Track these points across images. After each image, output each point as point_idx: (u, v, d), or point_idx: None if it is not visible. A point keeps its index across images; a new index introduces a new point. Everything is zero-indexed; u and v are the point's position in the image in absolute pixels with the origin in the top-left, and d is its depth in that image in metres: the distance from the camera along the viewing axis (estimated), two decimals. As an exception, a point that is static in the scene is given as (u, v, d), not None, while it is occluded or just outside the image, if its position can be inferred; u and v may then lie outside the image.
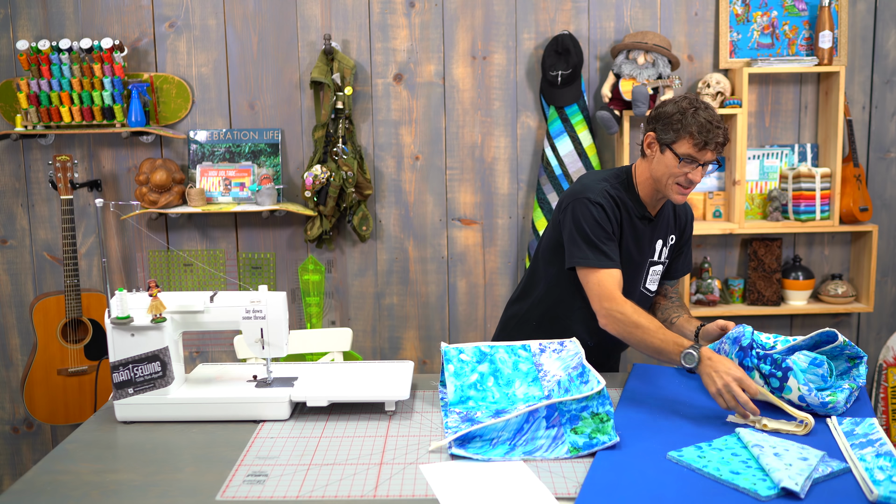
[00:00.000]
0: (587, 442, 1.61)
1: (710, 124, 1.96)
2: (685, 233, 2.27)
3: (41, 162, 3.28)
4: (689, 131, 1.96)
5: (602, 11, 3.22)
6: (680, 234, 2.25)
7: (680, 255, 2.28)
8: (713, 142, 1.96)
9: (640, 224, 2.12)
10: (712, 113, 1.99)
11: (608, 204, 2.06)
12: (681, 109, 1.99)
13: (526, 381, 1.90)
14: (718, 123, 1.97)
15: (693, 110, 1.98)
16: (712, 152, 1.98)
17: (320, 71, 3.11)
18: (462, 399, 1.85)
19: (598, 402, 1.66)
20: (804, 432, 1.66)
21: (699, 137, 1.95)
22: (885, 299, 3.39)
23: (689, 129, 1.96)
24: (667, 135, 2.00)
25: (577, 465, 1.57)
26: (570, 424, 1.65)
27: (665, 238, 2.20)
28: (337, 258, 3.34)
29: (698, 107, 1.98)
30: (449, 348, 1.97)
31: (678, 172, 2.00)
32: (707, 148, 1.97)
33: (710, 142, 1.96)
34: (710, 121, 1.96)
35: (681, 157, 1.98)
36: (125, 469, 1.59)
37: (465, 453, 1.60)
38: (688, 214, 2.29)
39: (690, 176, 2.00)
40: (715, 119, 1.97)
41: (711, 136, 1.95)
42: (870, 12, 3.24)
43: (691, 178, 2.00)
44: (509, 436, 1.65)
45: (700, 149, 1.97)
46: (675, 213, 2.23)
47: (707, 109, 1.99)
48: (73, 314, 3.11)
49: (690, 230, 2.29)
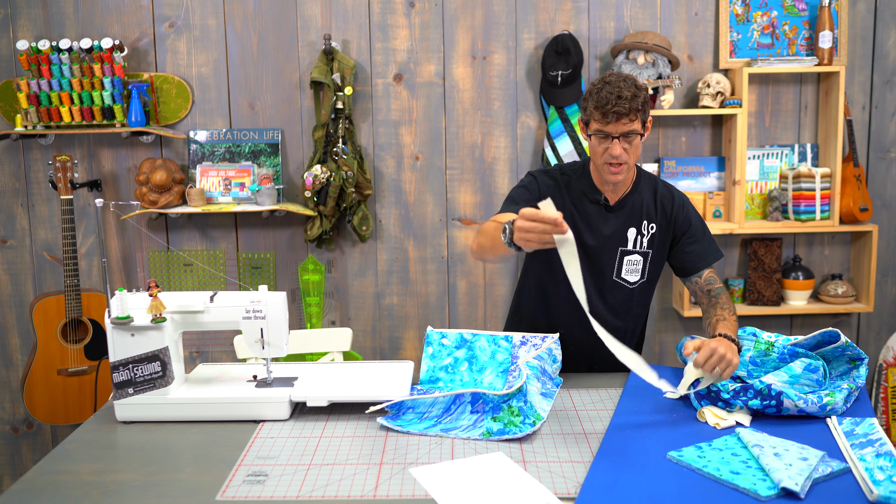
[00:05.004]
0: (501, 429, 1.71)
1: (609, 95, 1.94)
2: (676, 223, 2.15)
3: (41, 162, 3.28)
4: (594, 107, 1.97)
5: (602, 11, 3.23)
6: (668, 224, 2.15)
7: (692, 245, 2.15)
8: (612, 112, 1.94)
9: (593, 208, 2.13)
10: (621, 84, 1.96)
11: (542, 179, 2.15)
12: (589, 89, 2.01)
13: (496, 370, 1.97)
14: (620, 92, 1.94)
15: (600, 86, 1.98)
16: (623, 123, 1.96)
17: (320, 71, 3.11)
18: (431, 379, 1.97)
19: (516, 399, 1.76)
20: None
21: (600, 110, 1.96)
22: (885, 299, 3.39)
23: (593, 104, 1.98)
24: (584, 117, 2.04)
25: (577, 466, 1.57)
26: (492, 413, 1.77)
27: (640, 227, 2.14)
28: (337, 258, 3.34)
29: (608, 81, 1.97)
30: (433, 332, 2.04)
31: (600, 150, 2.02)
32: (609, 119, 1.96)
33: (608, 113, 1.94)
34: (610, 92, 1.95)
35: (591, 133, 2.01)
36: (125, 469, 1.59)
37: (389, 424, 1.75)
38: (675, 203, 2.16)
39: (610, 151, 1.99)
40: (619, 89, 1.95)
41: (610, 107, 1.94)
42: (870, 12, 3.24)
43: (611, 153, 1.99)
44: (438, 413, 1.80)
45: (606, 121, 1.97)
46: (658, 201, 2.16)
47: (615, 83, 1.96)
48: (73, 314, 3.11)
49: (689, 221, 2.16)
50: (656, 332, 3.41)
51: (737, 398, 1.76)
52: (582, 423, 1.78)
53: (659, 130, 3.30)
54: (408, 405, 1.81)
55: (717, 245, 2.20)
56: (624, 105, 1.93)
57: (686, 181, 3.29)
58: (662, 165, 3.27)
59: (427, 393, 1.88)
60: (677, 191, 2.20)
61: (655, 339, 3.41)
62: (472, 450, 1.65)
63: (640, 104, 1.96)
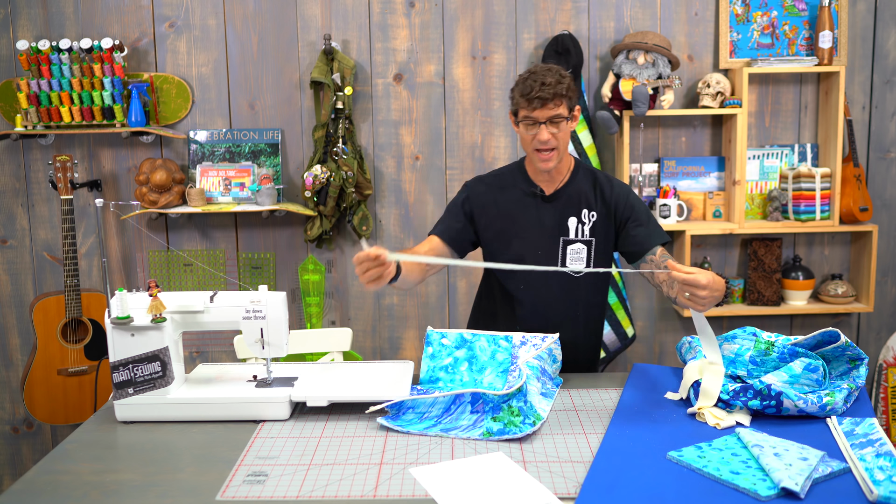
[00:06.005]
0: (501, 429, 1.71)
1: (534, 83, 2.02)
2: (618, 208, 2.17)
3: (41, 162, 3.28)
4: (520, 95, 2.05)
5: (602, 11, 3.23)
6: (609, 210, 2.17)
7: (637, 228, 2.16)
8: (536, 98, 2.01)
9: (531, 200, 2.19)
10: (545, 73, 2.04)
11: (474, 188, 2.24)
12: (517, 81, 2.09)
13: (496, 370, 1.97)
14: (544, 80, 2.01)
15: (525, 76, 2.06)
16: (548, 108, 2.03)
17: (320, 71, 3.11)
18: (432, 379, 1.97)
19: (516, 399, 1.76)
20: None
21: (525, 97, 2.03)
22: (885, 299, 3.39)
23: (519, 92, 2.06)
24: (512, 107, 2.11)
25: (577, 466, 1.57)
26: (492, 413, 1.77)
27: (579, 215, 2.17)
28: (337, 258, 3.34)
29: (534, 71, 2.06)
30: (433, 332, 2.04)
31: (528, 138, 2.08)
32: (535, 105, 2.03)
33: (533, 99, 2.02)
34: (535, 80, 2.03)
35: (520, 121, 2.08)
36: (125, 469, 1.59)
37: (389, 424, 1.75)
38: (615, 190, 2.18)
39: (538, 136, 2.06)
40: (543, 76, 2.02)
41: (535, 93, 2.01)
42: (870, 12, 3.24)
43: (539, 138, 2.06)
44: (438, 413, 1.80)
45: (532, 108, 2.04)
46: (597, 189, 2.19)
47: (539, 72, 2.04)
48: (73, 314, 3.11)
49: (631, 206, 2.17)
50: (656, 332, 3.41)
51: (737, 398, 1.76)
52: (582, 423, 1.78)
53: (659, 130, 3.30)
54: (408, 405, 1.81)
55: (663, 230, 2.21)
56: (547, 91, 2.01)
57: (686, 181, 3.29)
58: (662, 165, 3.27)
59: (427, 393, 1.88)
60: (618, 180, 2.25)
61: (655, 339, 3.41)
62: (472, 450, 1.65)
63: (564, 90, 2.04)
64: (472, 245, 2.27)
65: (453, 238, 2.21)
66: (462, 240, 2.22)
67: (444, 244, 2.20)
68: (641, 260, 2.16)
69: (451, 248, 2.21)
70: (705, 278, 1.80)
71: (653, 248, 2.14)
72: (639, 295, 3.37)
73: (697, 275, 1.80)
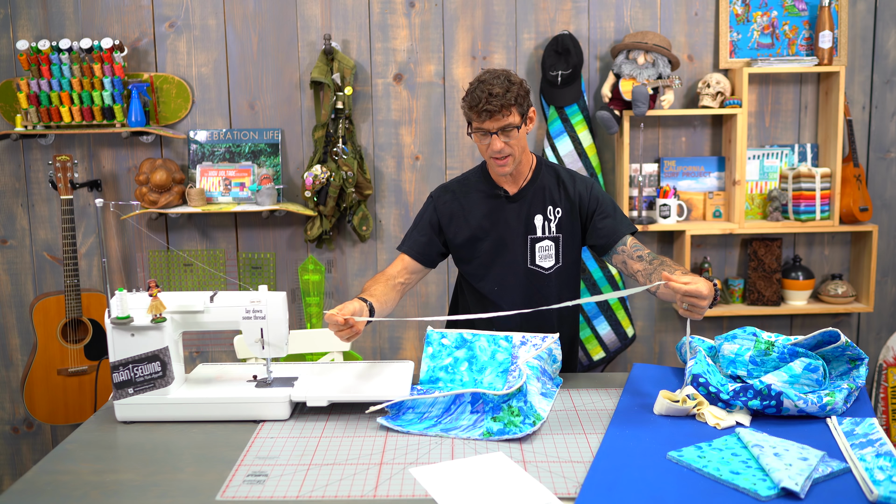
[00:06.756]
0: (501, 429, 1.71)
1: (481, 94, 2.01)
2: (583, 202, 2.19)
3: (41, 162, 3.28)
4: (469, 107, 2.05)
5: (602, 11, 3.23)
6: (573, 204, 2.18)
7: (604, 220, 2.17)
8: (484, 110, 2.01)
9: (495, 202, 2.20)
10: (493, 82, 2.02)
11: (440, 197, 2.25)
12: (467, 89, 2.07)
13: (496, 370, 1.97)
14: (492, 90, 2.00)
15: (474, 86, 2.05)
16: (497, 119, 2.02)
17: (320, 71, 3.11)
18: (432, 379, 1.97)
19: (516, 399, 1.76)
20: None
21: (474, 109, 2.03)
22: (885, 299, 3.39)
23: (467, 104, 2.05)
24: (465, 116, 2.10)
25: (577, 466, 1.57)
26: (492, 413, 1.77)
27: (545, 212, 2.18)
28: (337, 258, 3.34)
29: (482, 80, 2.04)
30: (433, 332, 2.04)
31: (483, 147, 2.09)
32: (483, 118, 2.03)
33: (481, 112, 2.02)
34: (482, 90, 2.01)
35: (472, 132, 2.09)
36: (125, 469, 1.59)
37: (389, 424, 1.75)
38: (577, 184, 2.20)
39: (491, 146, 2.06)
40: (491, 86, 2.01)
41: (482, 105, 2.01)
42: (870, 12, 3.24)
43: (492, 148, 2.06)
44: (438, 413, 1.80)
45: (481, 120, 2.04)
46: (561, 185, 2.20)
47: (487, 81, 2.03)
48: (73, 314, 3.11)
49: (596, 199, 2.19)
50: (656, 332, 3.41)
51: (737, 398, 1.76)
52: (582, 423, 1.78)
53: (659, 130, 3.30)
54: (408, 405, 1.81)
55: (629, 220, 2.22)
56: (494, 102, 2.00)
57: (686, 181, 3.29)
58: (662, 165, 3.27)
59: (427, 393, 1.88)
60: (581, 175, 2.25)
61: (655, 338, 3.41)
62: (472, 450, 1.65)
63: (512, 98, 2.02)
64: (441, 256, 2.29)
65: (420, 252, 2.25)
66: (429, 253, 2.25)
67: (413, 260, 2.24)
68: (613, 251, 2.17)
69: (420, 263, 2.25)
70: (706, 288, 1.79)
71: (622, 239, 2.16)
72: (639, 295, 3.37)
73: (697, 285, 1.79)
